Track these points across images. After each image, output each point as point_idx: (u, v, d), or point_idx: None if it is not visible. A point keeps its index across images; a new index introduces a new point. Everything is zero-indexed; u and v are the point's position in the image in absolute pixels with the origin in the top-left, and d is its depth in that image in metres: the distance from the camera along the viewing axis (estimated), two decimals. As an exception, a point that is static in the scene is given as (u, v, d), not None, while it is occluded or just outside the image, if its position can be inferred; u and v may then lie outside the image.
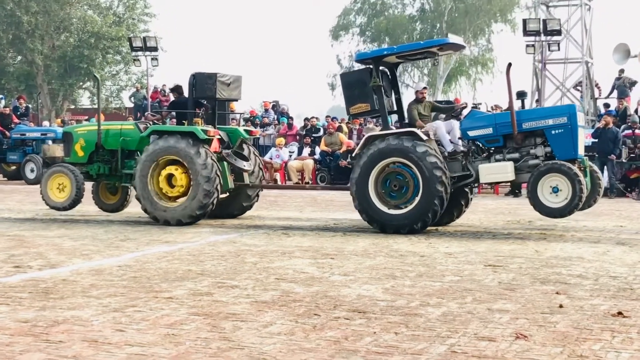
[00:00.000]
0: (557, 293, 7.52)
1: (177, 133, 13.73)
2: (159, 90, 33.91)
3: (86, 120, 30.88)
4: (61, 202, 14.44)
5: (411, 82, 52.22)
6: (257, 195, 15.15)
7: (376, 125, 15.86)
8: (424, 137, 12.40)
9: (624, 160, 22.47)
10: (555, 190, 11.77)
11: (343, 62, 55.63)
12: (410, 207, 12.35)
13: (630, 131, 23.46)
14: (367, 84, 12.94)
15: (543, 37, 27.55)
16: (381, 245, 11.08)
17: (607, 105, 27.16)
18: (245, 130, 15.12)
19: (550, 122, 12.32)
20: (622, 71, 27.62)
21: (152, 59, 33.76)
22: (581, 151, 12.44)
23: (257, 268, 9.07)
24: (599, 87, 29.13)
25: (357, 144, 14.81)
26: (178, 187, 13.55)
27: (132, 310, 6.72)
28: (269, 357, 5.35)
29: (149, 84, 35.24)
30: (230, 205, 14.71)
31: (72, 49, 49.46)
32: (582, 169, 12.13)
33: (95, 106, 26.55)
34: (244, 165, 14.62)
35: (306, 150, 26.37)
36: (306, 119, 30.77)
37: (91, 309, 6.78)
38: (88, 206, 15.07)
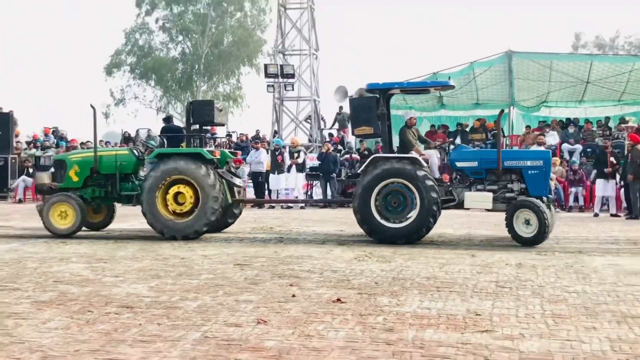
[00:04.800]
0: (291, 285, 7.69)
1: (185, 155, 12.91)
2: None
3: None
4: (66, 228, 12.98)
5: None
6: (240, 212, 14.32)
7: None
8: (424, 164, 12.18)
9: (343, 178, 23.54)
10: (527, 222, 11.58)
11: (115, 94, 54.31)
12: (407, 222, 11.93)
13: (348, 155, 24.64)
14: (372, 110, 12.52)
15: (281, 79, 28.20)
16: (148, 251, 10.87)
17: (330, 135, 28.24)
18: (230, 152, 14.45)
19: (529, 163, 12.05)
20: (341, 108, 28.79)
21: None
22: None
23: (37, 272, 8.61)
24: (324, 120, 30.17)
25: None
26: (186, 204, 12.64)
27: None
28: (47, 349, 5.11)
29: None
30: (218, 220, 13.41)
31: None
32: (546, 203, 11.97)
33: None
34: (238, 183, 13.96)
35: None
36: (82, 143, 29.80)
37: None
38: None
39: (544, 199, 11.96)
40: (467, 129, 27.02)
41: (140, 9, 53.73)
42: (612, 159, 19.28)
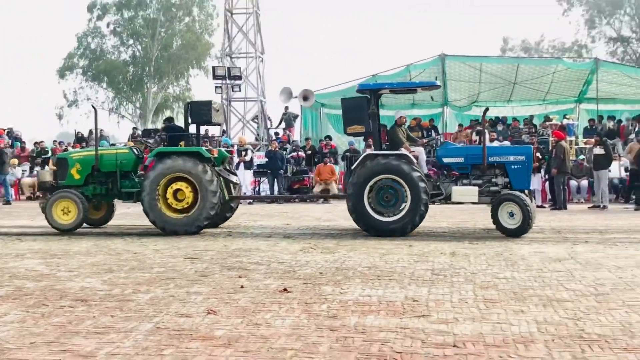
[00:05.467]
0: (239, 277, 7.65)
1: (184, 153, 12.68)
2: None
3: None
4: (68, 224, 12.77)
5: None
6: (237, 206, 14.22)
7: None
8: (414, 161, 12.07)
9: (289, 175, 23.51)
10: (511, 214, 11.56)
11: (69, 96, 53.32)
12: (399, 215, 11.82)
13: (295, 153, 24.62)
14: (363, 110, 12.39)
15: (228, 81, 27.97)
16: (101, 246, 10.70)
17: (276, 134, 28.18)
18: (226, 150, 14.28)
19: (512, 158, 12.07)
20: (287, 108, 28.77)
21: None
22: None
23: (-7, 269, 8.42)
24: (270, 120, 30.10)
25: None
26: (185, 200, 12.47)
27: None
28: (3, 342, 4.98)
29: None
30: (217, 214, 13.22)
31: None
32: (528, 196, 11.96)
33: None
34: (235, 180, 13.72)
35: (37, 169, 24.88)
36: (36, 143, 29.26)
37: None
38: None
39: (526, 192, 12.06)
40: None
41: (92, 13, 52.89)
42: (537, 154, 19.66)
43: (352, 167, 12.41)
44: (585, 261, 8.66)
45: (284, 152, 24.19)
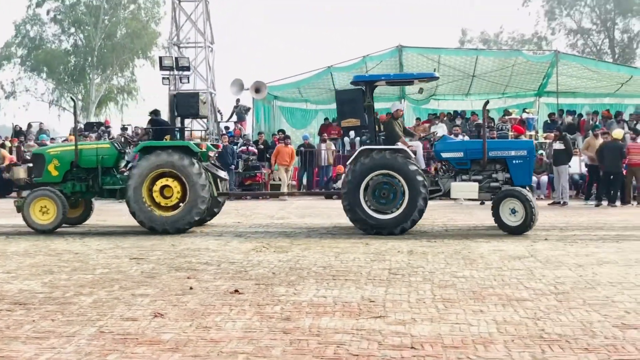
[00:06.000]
0: (188, 278, 7.60)
1: (170, 147, 12.41)
2: None
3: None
4: (47, 224, 12.45)
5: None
6: (224, 202, 14.06)
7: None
8: (412, 155, 11.92)
9: (240, 170, 23.43)
10: (513, 211, 11.55)
11: (6, 87, 52.23)
12: (396, 213, 11.73)
13: (245, 147, 24.53)
14: (358, 102, 12.21)
15: (176, 72, 27.63)
16: (40, 246, 10.52)
17: (227, 128, 28.04)
18: (213, 145, 14.06)
19: (513, 153, 12.05)
20: (238, 100, 28.63)
21: None
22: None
23: None
24: (220, 113, 29.90)
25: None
26: (174, 196, 12.27)
27: None
28: None
29: None
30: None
31: None
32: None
33: None
34: (223, 175, 13.51)
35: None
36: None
37: None
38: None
39: (527, 187, 12.11)
40: (361, 121, 27.33)
41: (31, 0, 51.85)
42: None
43: (347, 163, 12.34)
44: (545, 259, 8.80)
45: (235, 147, 24.08)
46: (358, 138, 25.68)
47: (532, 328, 5.33)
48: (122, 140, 14.41)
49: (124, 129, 28.53)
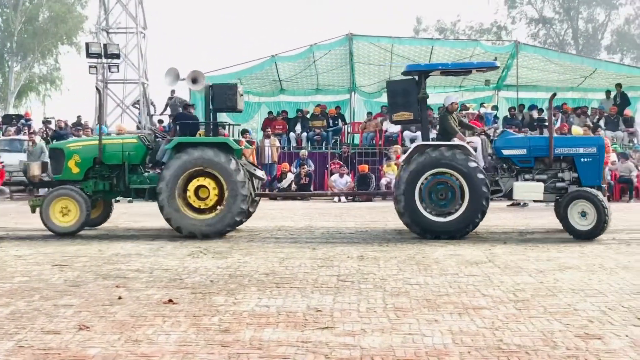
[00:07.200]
0: (117, 286, 7.52)
1: (206, 144, 12.09)
2: None
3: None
4: (69, 226, 12.21)
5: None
6: (258, 203, 13.69)
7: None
8: (473, 152, 11.72)
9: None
10: (583, 214, 11.42)
11: None
12: (454, 216, 11.59)
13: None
14: (411, 94, 12.05)
15: (104, 60, 27.42)
16: (-49, 252, 10.29)
17: (160, 121, 27.83)
18: (248, 141, 13.76)
19: (581, 150, 11.96)
20: (173, 92, 28.44)
21: None
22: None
23: None
24: (154, 105, 29.71)
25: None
26: (211, 198, 12.00)
27: None
28: None
29: None
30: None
31: None
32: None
33: None
34: (260, 175, 13.27)
35: None
36: None
37: None
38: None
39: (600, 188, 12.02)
40: (308, 116, 27.41)
41: (-60, -22, 50.73)
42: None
43: (401, 161, 12.23)
44: (504, 264, 8.94)
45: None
46: (305, 134, 25.75)
47: (490, 338, 5.40)
48: (150, 134, 14.05)
49: (46, 122, 28.10)
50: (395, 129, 25.96)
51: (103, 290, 7.36)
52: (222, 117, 28.95)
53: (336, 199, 21.68)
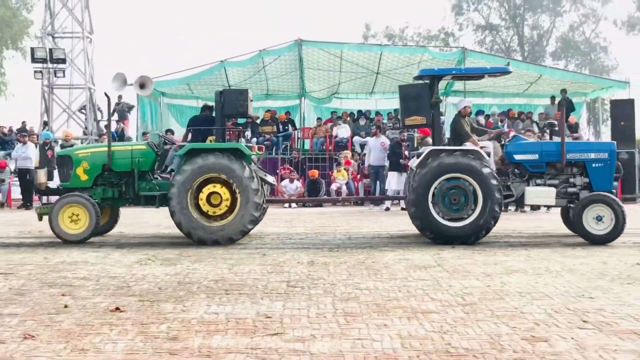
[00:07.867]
0: (63, 295, 7.40)
1: (218, 150, 11.85)
2: None
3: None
4: (78, 233, 11.97)
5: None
6: (266, 210, 13.40)
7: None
8: (487, 157, 11.57)
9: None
10: (599, 219, 11.37)
11: None
12: (467, 221, 11.52)
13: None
14: (423, 98, 11.97)
15: (50, 65, 27.02)
16: None
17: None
18: (258, 146, 13.43)
19: (593, 155, 12.00)
20: (120, 97, 28.16)
21: None
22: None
23: None
24: (100, 111, 29.33)
25: None
26: (222, 206, 11.77)
27: None
28: None
29: None
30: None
31: None
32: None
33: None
34: (271, 181, 13.08)
35: None
36: None
37: None
38: None
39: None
40: (258, 121, 27.36)
41: None
42: (406, 152, 20.15)
43: (414, 166, 12.23)
44: (452, 268, 9.02)
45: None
46: (255, 139, 25.68)
47: (438, 342, 5.44)
48: (159, 140, 13.78)
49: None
50: (345, 133, 26.08)
51: (49, 298, 7.24)
52: (171, 123, 28.90)
53: (287, 204, 21.68)
